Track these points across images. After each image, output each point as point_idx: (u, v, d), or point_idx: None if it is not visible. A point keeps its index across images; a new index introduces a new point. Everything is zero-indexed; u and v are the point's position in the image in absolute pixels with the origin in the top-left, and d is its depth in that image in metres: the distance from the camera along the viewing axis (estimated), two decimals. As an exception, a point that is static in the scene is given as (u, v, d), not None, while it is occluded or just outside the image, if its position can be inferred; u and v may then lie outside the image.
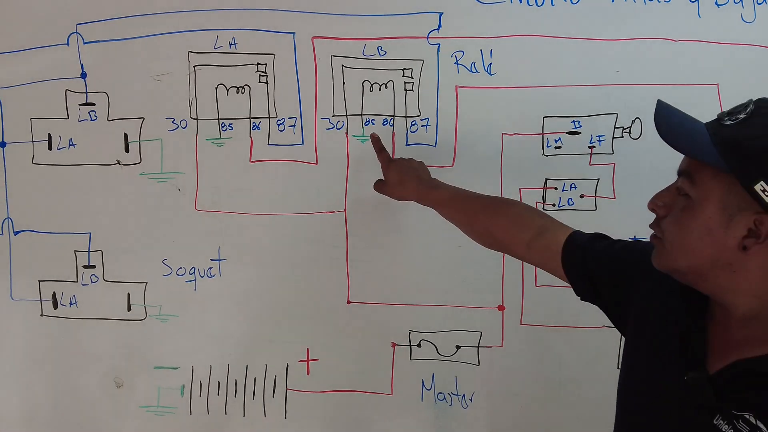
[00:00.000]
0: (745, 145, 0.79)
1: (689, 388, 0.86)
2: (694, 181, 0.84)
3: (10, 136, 1.51)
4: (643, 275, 1.01)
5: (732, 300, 0.86)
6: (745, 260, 0.82)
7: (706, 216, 0.83)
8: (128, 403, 1.57)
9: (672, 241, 0.87)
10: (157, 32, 1.46)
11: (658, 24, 1.40)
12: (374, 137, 1.42)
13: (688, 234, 0.84)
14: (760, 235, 0.79)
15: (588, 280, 1.09)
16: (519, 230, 1.20)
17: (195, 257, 1.52)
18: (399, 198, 1.40)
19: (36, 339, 1.57)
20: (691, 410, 0.85)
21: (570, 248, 1.12)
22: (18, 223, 1.54)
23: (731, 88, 1.41)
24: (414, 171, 1.37)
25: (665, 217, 0.89)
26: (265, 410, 1.56)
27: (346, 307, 1.51)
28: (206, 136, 1.48)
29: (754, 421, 0.78)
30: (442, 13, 1.41)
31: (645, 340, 0.98)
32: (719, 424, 0.81)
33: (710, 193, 0.82)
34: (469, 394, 1.53)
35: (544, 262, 1.17)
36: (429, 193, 1.34)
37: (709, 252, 0.83)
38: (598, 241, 1.12)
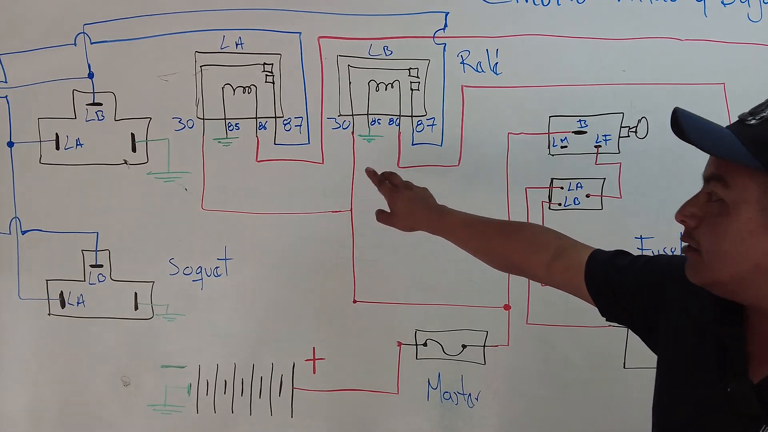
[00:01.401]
0: None
1: (732, 400, 0.83)
2: (728, 184, 0.80)
3: (18, 136, 1.52)
4: (672, 290, 0.98)
5: None
6: None
7: (745, 218, 0.79)
8: (135, 401, 1.58)
9: (710, 250, 0.83)
10: (163, 32, 1.46)
11: (664, 23, 1.40)
12: (369, 171, 1.37)
13: (728, 240, 0.80)
14: None
15: (613, 298, 1.06)
16: (537, 253, 1.17)
17: (201, 256, 1.52)
18: (408, 229, 1.35)
19: (43, 338, 1.57)
20: (735, 422, 0.82)
21: (592, 267, 1.08)
22: (25, 222, 1.54)
23: (737, 88, 1.41)
24: (422, 200, 1.33)
25: (697, 227, 0.85)
26: (272, 409, 1.56)
27: (352, 306, 1.52)
28: (213, 136, 1.49)
29: None
30: (448, 13, 1.42)
31: (681, 356, 0.94)
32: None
33: (747, 194, 0.79)
34: (475, 393, 1.53)
35: (565, 283, 1.14)
36: (442, 221, 1.29)
37: (753, 256, 0.79)
38: (620, 257, 1.08)
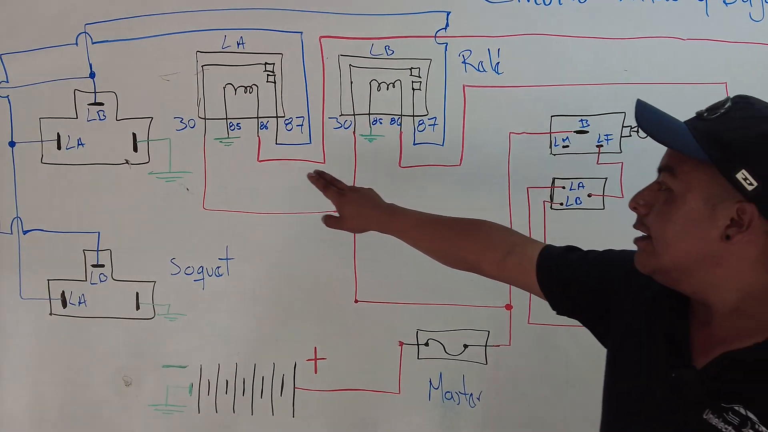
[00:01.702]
0: (725, 137, 0.81)
1: (677, 386, 0.87)
2: (676, 174, 0.86)
3: (19, 136, 1.52)
4: (622, 283, 1.02)
5: (714, 295, 0.87)
6: (729, 251, 0.83)
7: (689, 207, 0.84)
8: (137, 401, 1.58)
9: (657, 237, 0.88)
10: (165, 32, 1.46)
11: (666, 23, 1.40)
12: (312, 177, 1.35)
13: (673, 226, 0.85)
14: (743, 223, 0.81)
15: (564, 292, 1.09)
16: (489, 251, 1.19)
17: (203, 256, 1.53)
18: (358, 231, 1.36)
19: (45, 338, 1.58)
20: (680, 407, 0.86)
21: (544, 262, 1.11)
22: (27, 222, 1.54)
23: (739, 87, 1.38)
24: (370, 200, 1.32)
25: (647, 214, 0.90)
26: (273, 409, 1.56)
27: (354, 306, 1.52)
28: (214, 136, 1.49)
29: (744, 412, 0.80)
30: (449, 12, 1.41)
31: (631, 347, 0.99)
32: (709, 418, 0.82)
33: (693, 184, 0.84)
34: (476, 393, 1.53)
35: (517, 279, 1.17)
36: (392, 221, 1.29)
37: (693, 244, 0.84)
38: (570, 253, 1.12)
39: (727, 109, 0.84)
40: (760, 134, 0.80)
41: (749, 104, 0.85)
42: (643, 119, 0.89)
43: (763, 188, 0.79)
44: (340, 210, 1.33)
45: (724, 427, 0.81)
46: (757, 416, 0.79)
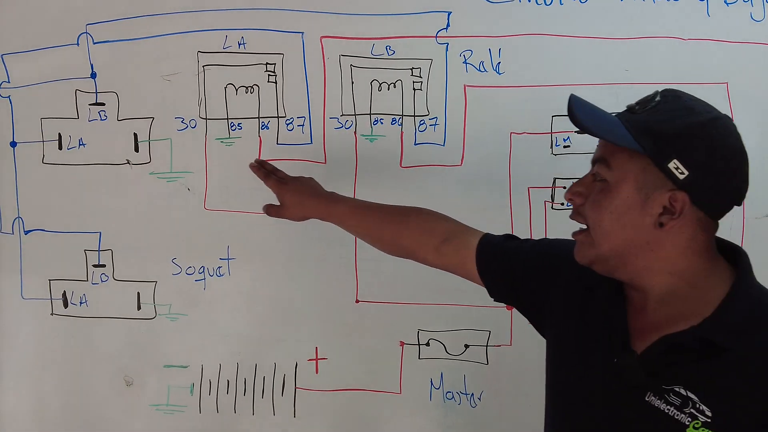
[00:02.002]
0: (657, 128, 0.85)
1: (619, 371, 0.90)
2: (610, 165, 0.89)
3: (21, 136, 1.52)
4: (558, 271, 1.05)
5: (649, 281, 0.90)
6: (662, 237, 0.87)
7: (624, 196, 0.87)
8: (138, 401, 1.58)
9: (593, 226, 0.91)
10: (166, 32, 1.46)
11: (667, 23, 1.40)
12: (253, 166, 1.37)
13: (609, 215, 0.89)
14: (675, 211, 0.85)
15: (502, 279, 1.12)
16: (427, 237, 1.21)
17: (204, 256, 1.53)
18: (299, 218, 1.35)
19: (46, 338, 1.58)
20: (623, 392, 0.89)
21: (483, 250, 1.14)
22: (28, 222, 1.54)
23: (740, 87, 1.41)
24: (310, 188, 1.34)
25: (583, 204, 0.93)
26: (274, 409, 1.56)
27: (355, 306, 1.52)
28: (215, 136, 1.49)
29: (684, 393, 0.84)
30: (450, 13, 1.42)
31: (570, 335, 1.02)
32: (651, 400, 0.86)
33: (627, 174, 0.87)
34: (477, 393, 1.53)
35: (454, 266, 1.19)
36: (331, 208, 1.30)
37: (628, 232, 0.88)
38: (509, 241, 1.15)
39: (657, 102, 0.88)
40: (689, 125, 0.84)
41: (677, 97, 0.89)
42: (576, 114, 0.91)
43: (693, 177, 0.83)
44: (280, 198, 1.35)
45: (666, 408, 0.85)
46: (698, 396, 0.83)
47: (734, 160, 0.86)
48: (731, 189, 0.87)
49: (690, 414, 0.83)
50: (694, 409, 0.83)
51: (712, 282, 0.88)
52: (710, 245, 0.89)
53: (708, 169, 0.84)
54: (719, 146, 0.85)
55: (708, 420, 0.82)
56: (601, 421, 0.93)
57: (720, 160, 0.85)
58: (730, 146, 0.86)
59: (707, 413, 0.82)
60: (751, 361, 0.82)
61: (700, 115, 0.85)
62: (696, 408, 0.82)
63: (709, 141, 0.84)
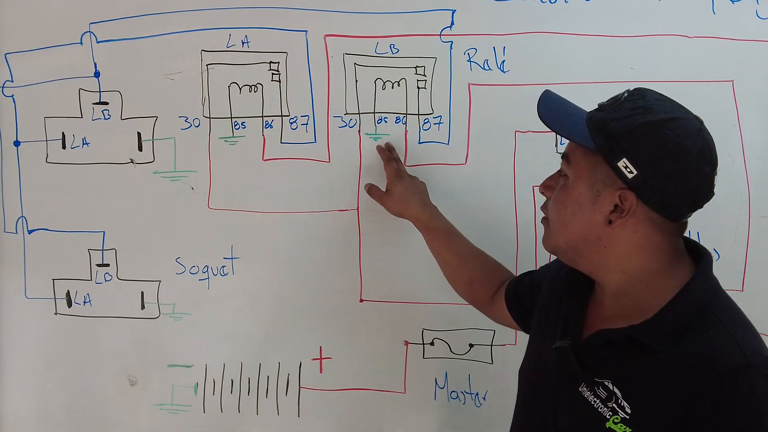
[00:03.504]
0: (610, 126, 0.87)
1: (558, 357, 0.94)
2: (570, 161, 0.93)
3: (24, 135, 1.52)
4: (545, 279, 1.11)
5: (604, 276, 0.94)
6: (612, 235, 0.89)
7: (578, 192, 0.90)
8: (142, 401, 1.58)
9: (553, 219, 0.95)
10: (169, 31, 1.46)
11: (672, 20, 1.39)
12: (381, 148, 1.42)
13: (563, 210, 0.92)
14: (624, 209, 0.86)
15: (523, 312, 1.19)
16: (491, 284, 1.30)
17: (208, 256, 1.52)
18: (396, 213, 1.38)
19: (50, 337, 1.58)
20: (561, 379, 0.93)
21: (508, 296, 1.23)
22: (32, 221, 1.54)
23: (746, 85, 1.40)
24: (420, 193, 1.38)
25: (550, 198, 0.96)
26: (278, 408, 1.56)
27: (359, 305, 1.51)
28: (219, 135, 1.48)
29: (611, 387, 0.86)
30: (454, 11, 1.41)
31: (536, 325, 1.07)
32: (583, 390, 0.89)
33: (581, 171, 0.90)
34: (482, 392, 1.53)
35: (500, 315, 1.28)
36: (428, 220, 1.35)
37: (580, 227, 0.91)
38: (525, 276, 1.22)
39: (622, 100, 0.90)
40: (640, 124, 0.85)
41: (641, 96, 0.89)
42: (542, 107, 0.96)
43: (642, 176, 0.84)
44: (390, 187, 1.37)
45: (593, 399, 0.88)
46: (621, 391, 0.85)
47: (689, 161, 0.84)
48: (686, 191, 0.86)
49: (612, 408, 0.85)
50: (615, 404, 0.85)
51: (667, 283, 0.88)
52: (669, 246, 0.89)
53: (658, 170, 0.84)
54: (672, 147, 0.84)
55: (627, 416, 0.84)
56: (545, 404, 0.96)
57: (672, 161, 0.84)
58: (685, 148, 0.84)
59: (627, 410, 0.84)
60: (676, 363, 0.83)
61: (657, 115, 0.85)
62: (618, 403, 0.85)
63: (661, 141, 0.84)
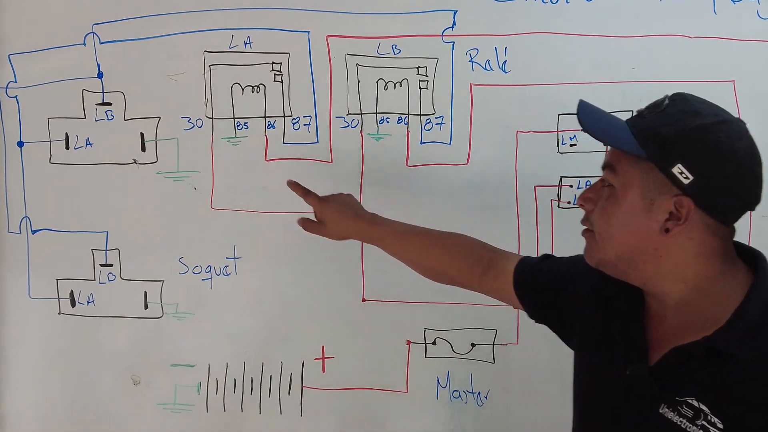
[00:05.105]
0: (661, 132, 0.84)
1: (632, 383, 0.89)
2: (616, 171, 0.89)
3: (28, 136, 1.53)
4: (580, 284, 1.05)
5: (662, 287, 0.89)
6: (669, 244, 0.86)
7: (629, 202, 0.87)
8: (145, 400, 1.58)
9: (600, 232, 0.91)
10: (172, 32, 1.47)
11: (673, 20, 1.40)
12: (291, 183, 1.33)
13: (613, 221, 0.88)
14: (681, 216, 0.83)
15: (538, 301, 1.13)
16: (469, 265, 1.21)
17: (211, 255, 1.53)
18: (338, 237, 1.33)
19: (54, 337, 1.58)
20: (637, 404, 0.88)
21: (519, 273, 1.15)
22: (36, 222, 1.55)
23: (748, 85, 1.40)
24: (350, 208, 1.31)
25: (592, 211, 0.93)
26: (281, 408, 1.56)
27: (362, 304, 1.52)
28: (222, 135, 1.49)
29: (696, 404, 0.82)
30: (456, 11, 1.42)
31: (590, 346, 1.01)
32: (665, 411, 0.85)
33: (631, 180, 0.87)
34: (484, 392, 1.53)
35: (496, 291, 1.20)
36: (371, 230, 1.29)
37: (634, 238, 0.87)
38: (544, 261, 1.15)
39: (665, 106, 0.87)
40: (693, 128, 0.83)
41: (685, 100, 0.87)
42: (583, 118, 0.91)
43: (698, 181, 0.82)
44: (320, 216, 1.32)
45: (678, 420, 0.83)
46: (709, 407, 0.81)
47: (743, 163, 0.83)
48: (741, 193, 0.85)
49: (702, 426, 0.81)
50: (705, 421, 0.81)
51: (727, 289, 0.85)
52: (724, 250, 0.87)
53: (713, 173, 0.82)
54: (726, 150, 0.82)
55: None
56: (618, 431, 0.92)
57: (727, 163, 0.82)
58: (738, 149, 0.83)
59: (719, 425, 0.80)
60: (760, 367, 0.80)
61: (706, 118, 0.83)
62: (707, 420, 0.81)
63: (715, 144, 0.82)
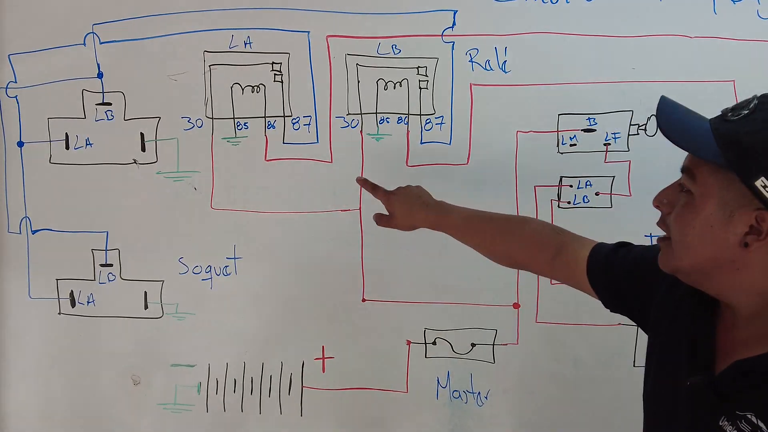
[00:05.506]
0: (745, 141, 0.78)
1: (693, 393, 0.86)
2: (695, 177, 0.84)
3: (28, 136, 1.53)
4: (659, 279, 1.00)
5: (737, 299, 0.85)
6: (748, 257, 0.81)
7: (707, 213, 0.82)
8: (145, 400, 1.58)
9: (676, 239, 0.87)
10: (172, 32, 1.47)
11: (673, 20, 1.39)
12: (360, 180, 1.37)
13: (690, 231, 0.84)
14: (762, 231, 0.79)
15: (614, 291, 1.08)
16: (539, 250, 1.18)
17: (211, 255, 1.53)
18: (408, 228, 1.34)
19: (54, 337, 1.58)
20: (698, 413, 0.86)
21: (594, 261, 1.10)
22: (36, 222, 1.55)
23: (747, 85, 1.39)
24: (419, 198, 1.31)
25: (669, 213, 0.88)
26: (281, 408, 1.56)
27: (361, 305, 1.52)
28: (222, 135, 1.49)
29: (755, 421, 0.78)
30: (456, 11, 1.41)
31: (659, 346, 0.99)
32: (724, 425, 0.81)
33: (710, 189, 0.82)
34: (484, 392, 1.53)
35: (568, 278, 1.16)
36: (441, 219, 1.28)
37: (710, 249, 0.83)
38: (619, 250, 1.10)
39: (751, 109, 0.81)
40: None
41: None
42: (663, 118, 0.86)
43: None
44: (389, 208, 1.33)
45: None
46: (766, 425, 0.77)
47: None
48: None
49: None
50: None
51: None
52: None
53: None
54: None
55: None
56: None
57: None
58: None
59: None
60: None
61: None
62: None
63: None
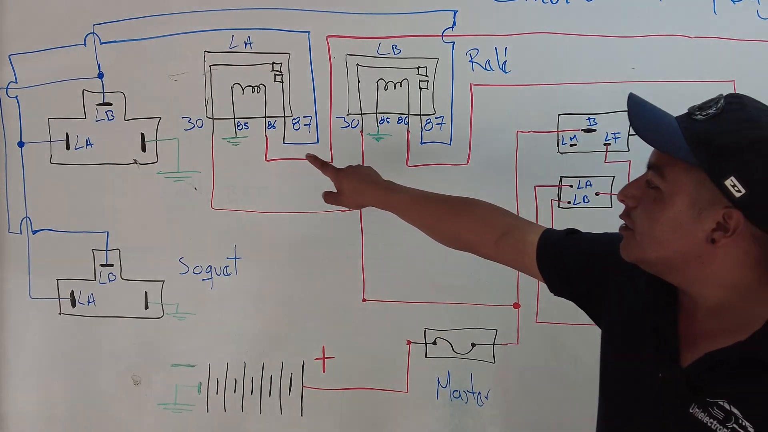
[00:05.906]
0: (716, 141, 0.80)
1: (664, 385, 0.88)
2: (664, 175, 0.85)
3: (28, 136, 1.53)
4: (613, 266, 1.02)
5: (699, 291, 0.88)
6: (714, 252, 0.84)
7: (676, 209, 0.84)
8: (146, 400, 1.59)
9: (642, 232, 0.89)
10: (173, 32, 1.47)
11: (673, 20, 1.39)
12: (310, 157, 1.37)
13: (659, 226, 0.86)
14: (729, 228, 0.81)
15: (563, 276, 1.10)
16: (485, 230, 1.20)
17: (211, 255, 1.53)
18: (356, 206, 1.36)
19: (54, 337, 1.58)
20: (667, 402, 0.88)
21: (543, 246, 1.12)
22: (36, 222, 1.55)
23: (747, 85, 1.39)
24: (368, 176, 1.33)
25: (635, 208, 0.90)
26: (282, 408, 1.56)
27: (362, 304, 1.52)
28: (222, 135, 1.49)
29: (728, 407, 0.81)
30: (456, 11, 1.42)
31: (618, 335, 1.00)
32: (695, 411, 0.84)
33: (681, 187, 0.84)
34: (484, 391, 1.53)
35: (514, 261, 1.18)
36: (389, 197, 1.29)
37: (679, 245, 0.85)
38: (570, 236, 1.13)
39: (719, 109, 0.83)
40: (752, 141, 0.79)
41: (742, 105, 0.83)
42: (636, 117, 0.88)
43: (750, 195, 0.79)
44: (338, 185, 1.34)
45: (709, 421, 0.82)
46: (741, 411, 0.80)
47: None
48: None
49: (732, 429, 0.80)
50: (736, 424, 0.80)
51: (765, 295, 0.84)
52: (765, 258, 0.85)
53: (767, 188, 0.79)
54: None
55: None
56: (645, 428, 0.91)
57: None
58: None
59: (749, 429, 0.79)
60: None
61: (765, 129, 0.80)
62: (738, 423, 0.80)
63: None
